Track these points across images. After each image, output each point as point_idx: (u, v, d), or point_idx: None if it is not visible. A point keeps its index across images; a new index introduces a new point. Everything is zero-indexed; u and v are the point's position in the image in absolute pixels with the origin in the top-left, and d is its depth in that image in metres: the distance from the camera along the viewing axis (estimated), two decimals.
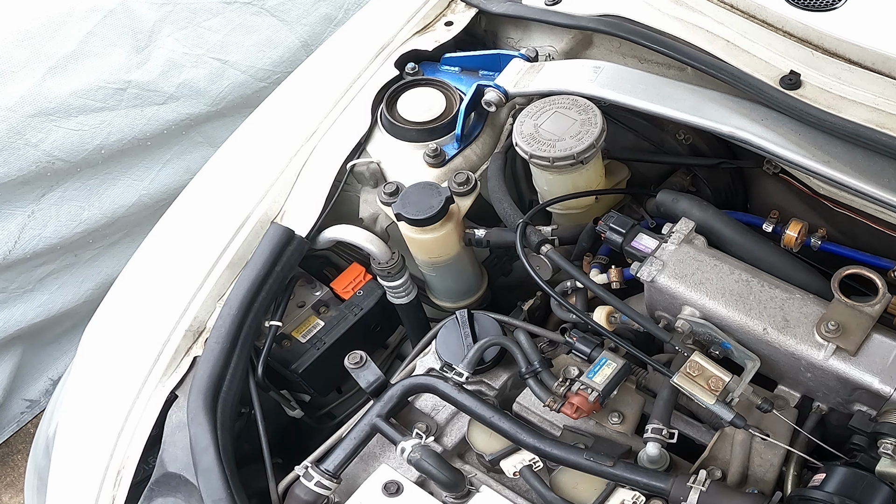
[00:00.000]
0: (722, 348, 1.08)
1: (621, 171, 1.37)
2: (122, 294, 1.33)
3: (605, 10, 1.37)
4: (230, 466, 1.09)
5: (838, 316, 1.02)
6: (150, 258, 1.34)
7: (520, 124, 1.26)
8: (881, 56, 1.14)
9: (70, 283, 2.37)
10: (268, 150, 1.39)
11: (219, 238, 1.29)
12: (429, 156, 1.36)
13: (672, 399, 1.08)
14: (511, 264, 1.47)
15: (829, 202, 1.24)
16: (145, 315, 1.26)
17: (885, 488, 0.94)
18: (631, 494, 1.03)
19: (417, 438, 1.12)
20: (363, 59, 1.48)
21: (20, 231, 2.22)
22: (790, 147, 1.15)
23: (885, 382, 0.99)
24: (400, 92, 1.43)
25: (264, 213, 1.31)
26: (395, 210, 1.28)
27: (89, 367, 1.27)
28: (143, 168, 2.39)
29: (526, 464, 1.09)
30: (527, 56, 1.43)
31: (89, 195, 2.30)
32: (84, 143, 2.23)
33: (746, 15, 1.27)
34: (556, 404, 1.09)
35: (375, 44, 1.50)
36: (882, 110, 1.12)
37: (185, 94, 2.37)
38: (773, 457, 1.06)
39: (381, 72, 1.46)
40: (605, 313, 1.18)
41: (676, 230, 1.15)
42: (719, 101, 1.22)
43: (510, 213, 1.27)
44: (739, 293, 1.08)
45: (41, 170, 2.19)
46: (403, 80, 1.45)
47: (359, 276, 1.37)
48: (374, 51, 1.49)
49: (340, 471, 1.10)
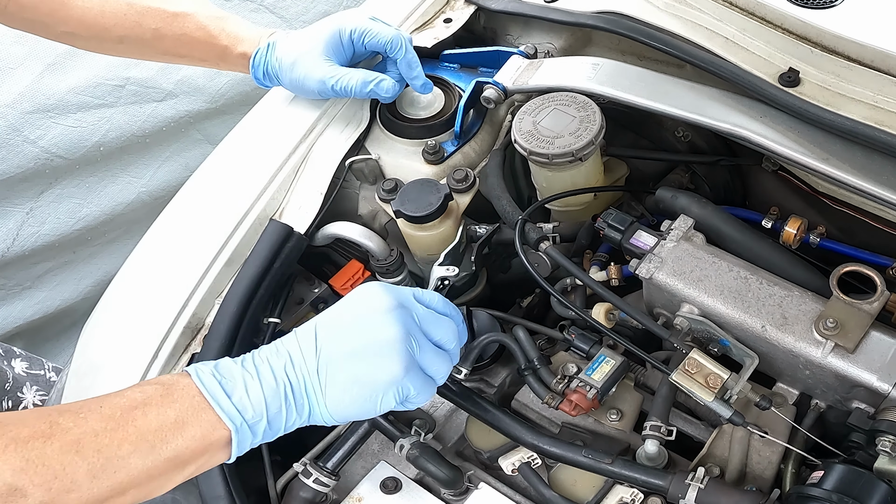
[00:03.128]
0: (720, 345, 1.08)
1: (620, 168, 1.37)
2: (120, 291, 1.33)
3: (604, 7, 1.37)
4: (228, 464, 1.09)
5: (837, 313, 1.03)
6: (148, 255, 1.34)
7: (518, 121, 1.26)
8: (880, 53, 1.14)
9: (68, 281, 2.37)
10: (266, 147, 1.39)
11: (217, 235, 1.29)
12: (427, 153, 1.36)
13: (670, 396, 1.08)
14: (510, 261, 1.47)
15: (827, 200, 1.24)
16: (144, 312, 1.26)
17: (882, 486, 0.94)
18: (629, 491, 1.03)
19: (416, 435, 1.12)
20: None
21: (18, 228, 2.22)
22: (789, 144, 1.15)
23: (883, 380, 0.99)
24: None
25: (263, 210, 1.31)
26: (394, 207, 1.28)
27: (88, 363, 1.27)
28: (141, 165, 2.39)
29: (524, 461, 1.09)
30: (526, 53, 1.43)
31: (88, 192, 2.30)
32: (82, 140, 2.23)
33: (745, 12, 1.26)
34: (554, 401, 1.09)
35: None
36: (881, 108, 1.12)
37: (184, 91, 2.38)
38: (772, 454, 1.06)
39: None
40: (603, 310, 1.18)
41: (675, 227, 1.15)
42: (718, 98, 1.22)
43: (509, 210, 1.27)
44: (738, 290, 1.08)
45: (39, 167, 2.19)
46: None
47: (357, 272, 1.36)
48: None
49: (339, 468, 1.11)
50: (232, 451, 0.89)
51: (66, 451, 0.78)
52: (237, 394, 0.88)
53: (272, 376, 0.90)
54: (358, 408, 0.92)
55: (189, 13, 1.36)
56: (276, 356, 0.92)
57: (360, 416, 0.93)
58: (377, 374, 0.91)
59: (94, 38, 1.39)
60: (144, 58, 1.47)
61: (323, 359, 0.91)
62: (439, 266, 1.19)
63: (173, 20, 1.36)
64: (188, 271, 1.26)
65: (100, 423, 0.82)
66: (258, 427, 0.89)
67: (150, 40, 1.37)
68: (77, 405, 0.84)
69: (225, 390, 0.88)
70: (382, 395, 0.91)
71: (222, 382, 0.88)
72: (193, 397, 0.87)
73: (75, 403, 0.84)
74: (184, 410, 0.86)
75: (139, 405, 0.85)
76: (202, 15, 1.37)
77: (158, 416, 0.85)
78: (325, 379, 0.91)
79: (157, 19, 1.36)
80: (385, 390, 0.91)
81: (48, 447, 0.78)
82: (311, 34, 1.36)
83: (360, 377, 0.91)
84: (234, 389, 0.88)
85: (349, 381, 0.90)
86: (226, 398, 0.88)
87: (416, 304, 0.96)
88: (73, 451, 0.79)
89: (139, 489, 0.84)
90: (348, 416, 0.93)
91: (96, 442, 0.80)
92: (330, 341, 0.92)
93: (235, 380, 0.89)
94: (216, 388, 0.88)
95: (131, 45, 1.40)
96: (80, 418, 0.81)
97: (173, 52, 1.40)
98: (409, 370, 0.91)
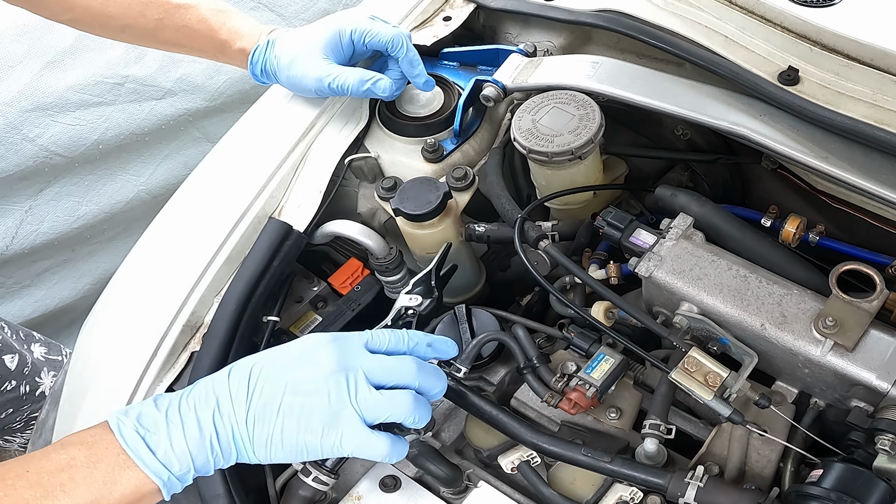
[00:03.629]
0: (720, 344, 1.08)
1: (619, 167, 1.37)
2: (119, 289, 1.33)
3: (603, 6, 1.37)
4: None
5: (836, 312, 1.02)
6: (147, 253, 1.34)
7: (518, 119, 1.26)
8: (880, 52, 1.14)
9: (67, 279, 2.37)
10: (266, 145, 1.39)
11: (216, 233, 1.29)
12: (427, 151, 1.36)
13: (670, 395, 1.08)
14: (509, 259, 1.47)
15: (827, 198, 1.24)
16: (143, 310, 1.26)
17: (882, 484, 0.94)
18: (628, 490, 1.03)
19: (415, 434, 1.12)
20: None
21: (17, 226, 2.22)
22: (788, 143, 1.15)
23: (883, 378, 0.99)
24: None
25: (262, 209, 1.31)
26: (393, 205, 1.28)
27: (86, 362, 1.27)
28: (140, 163, 2.38)
29: (524, 459, 1.09)
30: (525, 51, 1.43)
31: (87, 190, 2.30)
32: (81, 138, 2.23)
33: (745, 10, 1.26)
34: (553, 400, 1.09)
35: None
36: (880, 106, 1.12)
37: (183, 89, 2.37)
38: (771, 452, 1.06)
39: None
40: (603, 309, 1.18)
41: (674, 226, 1.15)
42: (717, 96, 1.22)
43: (508, 209, 1.27)
44: (737, 289, 1.08)
45: (38, 165, 2.19)
46: None
47: (357, 271, 1.36)
48: None
49: (338, 466, 1.10)
50: (165, 496, 0.89)
51: None
52: (161, 449, 0.88)
53: (197, 428, 0.89)
54: (287, 455, 0.91)
55: (192, 5, 1.37)
56: (204, 405, 0.90)
57: (293, 460, 0.93)
58: (309, 421, 0.90)
59: (98, 25, 1.41)
60: (146, 45, 1.49)
61: (253, 406, 0.90)
62: (405, 294, 1.18)
63: (176, 11, 1.37)
64: (187, 269, 1.26)
65: (28, 490, 0.83)
66: (187, 477, 0.90)
67: (152, 30, 1.39)
68: (4, 470, 0.84)
69: (149, 446, 0.87)
70: (313, 444, 0.90)
71: (146, 438, 0.88)
72: (118, 455, 0.87)
73: (2, 467, 0.85)
74: (109, 471, 0.86)
75: (65, 468, 0.85)
76: (205, 8, 1.38)
77: (86, 478, 0.85)
78: (254, 428, 0.90)
79: (161, 10, 1.37)
80: (316, 441, 0.90)
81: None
82: (311, 33, 1.36)
83: (288, 427, 0.90)
84: (157, 444, 0.88)
85: (278, 430, 0.90)
86: (150, 455, 0.87)
87: (362, 359, 0.94)
88: None
89: None
90: (279, 460, 0.92)
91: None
92: (263, 388, 0.91)
93: (160, 433, 0.88)
94: (139, 444, 0.87)
95: (134, 33, 1.41)
96: (8, 487, 0.82)
97: (174, 42, 1.41)
98: (347, 422, 0.90)
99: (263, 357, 0.94)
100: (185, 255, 1.28)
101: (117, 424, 0.89)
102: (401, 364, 0.95)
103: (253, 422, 0.90)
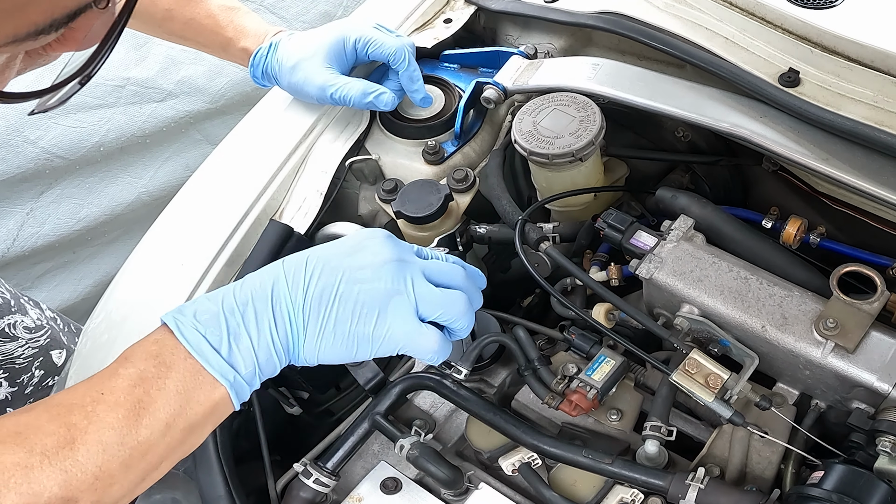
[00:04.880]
0: (721, 346, 1.08)
1: (620, 168, 1.37)
2: (120, 292, 1.33)
3: (604, 7, 1.37)
4: (228, 464, 1.09)
5: (837, 313, 1.02)
6: (148, 255, 1.34)
7: (518, 121, 1.26)
8: (881, 53, 1.14)
9: (68, 281, 2.37)
10: (267, 147, 1.39)
11: (217, 235, 1.29)
12: (427, 153, 1.36)
13: (671, 396, 1.08)
14: (510, 261, 1.47)
15: (827, 200, 1.23)
16: (144, 313, 1.26)
17: (883, 486, 0.94)
18: (629, 492, 1.03)
19: (416, 436, 1.12)
20: None
21: (18, 229, 2.22)
22: (789, 144, 1.15)
23: (883, 380, 0.99)
24: None
25: (263, 210, 1.31)
26: (394, 208, 1.28)
27: (88, 365, 1.27)
28: (141, 165, 2.39)
29: (524, 461, 1.09)
30: (525, 53, 1.43)
31: (88, 193, 2.30)
32: (82, 141, 2.23)
33: (746, 12, 1.26)
34: (554, 401, 1.09)
35: None
36: (881, 108, 1.12)
37: (184, 92, 2.38)
38: (772, 454, 1.06)
39: None
40: (603, 310, 1.18)
41: (675, 227, 1.15)
42: (718, 98, 1.22)
43: (509, 211, 1.27)
44: (738, 290, 1.08)
45: (39, 167, 2.19)
46: None
47: None
48: None
49: (339, 468, 1.11)
50: (234, 404, 0.87)
51: (95, 453, 0.79)
52: (224, 347, 0.85)
53: (254, 319, 0.86)
54: (335, 351, 0.88)
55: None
56: (260, 292, 0.87)
57: (339, 359, 0.89)
58: (363, 309, 0.87)
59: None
60: (152, 34, 1.49)
61: (311, 292, 0.87)
62: (432, 249, 1.19)
63: (186, 4, 1.37)
64: (188, 272, 1.26)
65: (110, 414, 0.81)
66: (254, 379, 0.87)
67: (160, 20, 1.38)
68: (78, 396, 0.82)
69: (212, 345, 0.85)
70: (364, 336, 0.88)
71: (207, 335, 0.85)
72: (185, 360, 0.84)
73: (74, 393, 0.83)
74: (181, 380, 0.83)
75: (137, 383, 0.82)
76: (215, 4, 1.38)
77: (161, 393, 0.83)
78: (308, 316, 0.87)
79: (171, 0, 1.37)
80: (368, 332, 0.87)
81: (78, 454, 0.78)
82: (315, 39, 1.36)
83: (342, 316, 0.87)
84: (221, 342, 0.85)
85: (331, 321, 0.87)
86: (216, 355, 0.84)
87: (416, 257, 0.93)
88: (100, 451, 0.79)
89: (169, 460, 0.86)
90: (326, 359, 0.89)
91: (117, 436, 0.80)
92: (321, 274, 0.88)
93: (221, 329, 0.85)
94: (203, 344, 0.84)
95: (142, 21, 1.41)
96: (90, 413, 0.80)
97: (180, 34, 1.41)
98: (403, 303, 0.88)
99: (316, 248, 0.91)
100: (185, 256, 1.29)
101: (175, 324, 0.85)
102: (452, 268, 0.94)
103: (308, 309, 0.86)
